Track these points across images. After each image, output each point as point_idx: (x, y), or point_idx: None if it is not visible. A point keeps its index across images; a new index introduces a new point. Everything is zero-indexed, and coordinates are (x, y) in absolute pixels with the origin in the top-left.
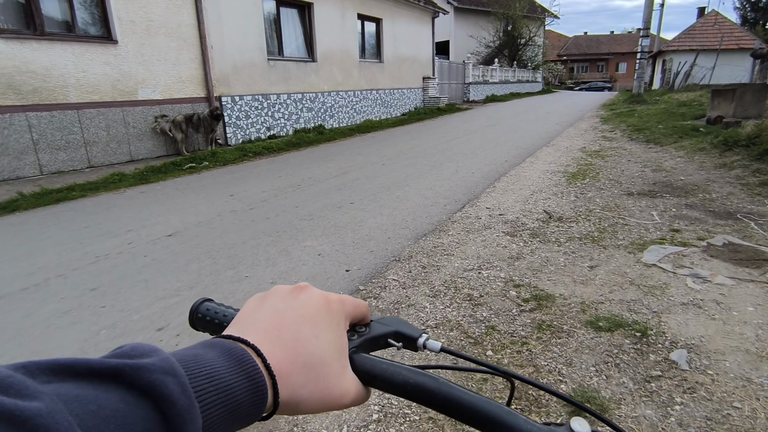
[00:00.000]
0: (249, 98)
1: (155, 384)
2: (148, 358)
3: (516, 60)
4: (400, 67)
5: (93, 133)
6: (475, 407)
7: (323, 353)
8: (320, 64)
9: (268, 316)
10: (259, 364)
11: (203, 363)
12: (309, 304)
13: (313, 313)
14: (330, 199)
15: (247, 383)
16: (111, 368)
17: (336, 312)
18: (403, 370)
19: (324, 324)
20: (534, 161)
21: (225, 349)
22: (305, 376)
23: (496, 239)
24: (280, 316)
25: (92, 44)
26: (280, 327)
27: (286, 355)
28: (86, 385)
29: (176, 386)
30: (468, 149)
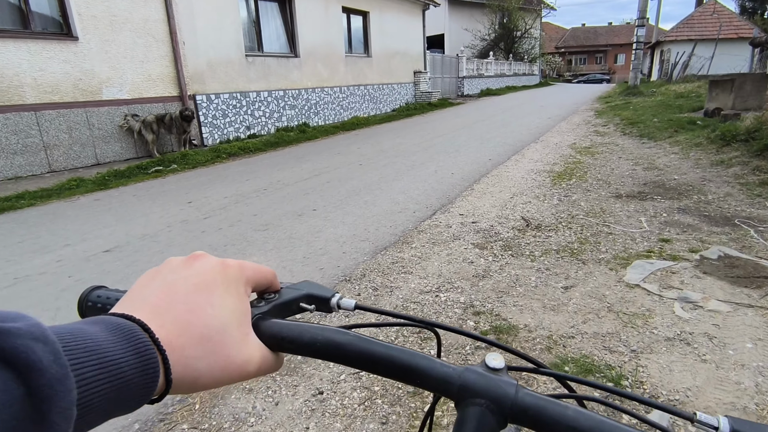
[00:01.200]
0: (226, 96)
1: (19, 350)
2: (12, 322)
3: (512, 53)
4: (390, 61)
5: (53, 136)
6: (389, 357)
7: (221, 322)
8: (303, 59)
9: (158, 290)
10: (149, 341)
11: (83, 336)
12: (203, 272)
13: (208, 280)
14: (293, 205)
15: (135, 359)
16: None
17: (234, 277)
18: (311, 328)
19: (220, 291)
20: (520, 160)
21: (110, 325)
22: (201, 348)
23: (464, 252)
24: (171, 288)
25: (50, 41)
26: (171, 299)
27: (178, 328)
28: None
29: (47, 353)
30: (452, 147)
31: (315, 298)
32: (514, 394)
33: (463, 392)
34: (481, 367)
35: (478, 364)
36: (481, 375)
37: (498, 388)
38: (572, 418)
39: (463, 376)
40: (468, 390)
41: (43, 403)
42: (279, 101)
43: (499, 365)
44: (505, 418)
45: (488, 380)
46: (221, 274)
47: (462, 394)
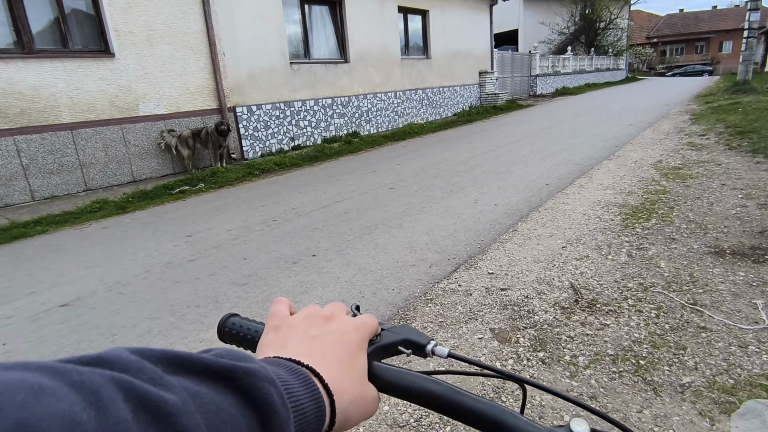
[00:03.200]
0: (268, 107)
1: (263, 392)
2: (247, 362)
3: (594, 46)
4: (452, 62)
5: (89, 154)
6: (478, 410)
7: (361, 371)
8: (354, 64)
9: (306, 342)
10: (318, 386)
11: (282, 379)
12: (341, 331)
13: (346, 338)
14: (293, 246)
15: (313, 403)
16: (224, 368)
17: (362, 336)
18: (409, 375)
19: (356, 347)
20: (585, 185)
21: (291, 369)
22: (352, 393)
23: (474, 348)
24: (319, 341)
25: (86, 59)
26: (323, 351)
27: (336, 376)
28: (202, 383)
29: (278, 397)
30: (504, 165)
31: (412, 343)
32: None
33: None
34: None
35: (562, 427)
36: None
37: None
38: None
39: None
40: None
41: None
42: (326, 110)
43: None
44: None
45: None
46: (355, 333)
47: None
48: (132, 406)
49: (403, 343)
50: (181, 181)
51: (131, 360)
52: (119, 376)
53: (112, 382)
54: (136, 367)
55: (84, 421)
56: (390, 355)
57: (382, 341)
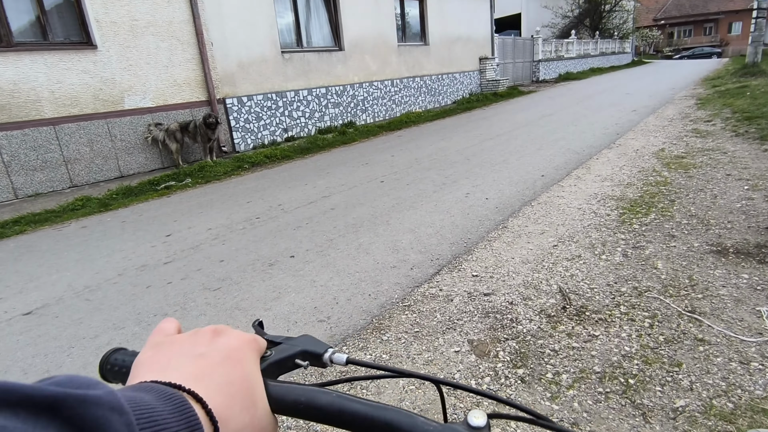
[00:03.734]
0: (260, 98)
1: (99, 422)
2: (90, 389)
3: (599, 30)
4: (451, 48)
5: (74, 150)
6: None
7: (254, 392)
8: (348, 52)
9: (192, 360)
10: (198, 412)
11: (144, 405)
12: (230, 346)
13: (236, 353)
14: (272, 247)
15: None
16: (50, 397)
17: (254, 350)
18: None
19: (248, 363)
20: (582, 177)
21: (162, 394)
22: (242, 419)
23: (449, 361)
24: (206, 359)
25: (67, 52)
26: (210, 371)
27: (224, 400)
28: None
29: (123, 426)
30: (501, 155)
31: (308, 354)
32: None
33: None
34: (462, 425)
35: (460, 422)
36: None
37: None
38: None
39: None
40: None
41: None
42: (321, 99)
43: (480, 423)
44: None
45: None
46: (246, 347)
47: None
48: None
49: (300, 355)
50: (167, 176)
51: None
52: None
53: None
54: None
55: None
56: (287, 370)
57: (276, 356)
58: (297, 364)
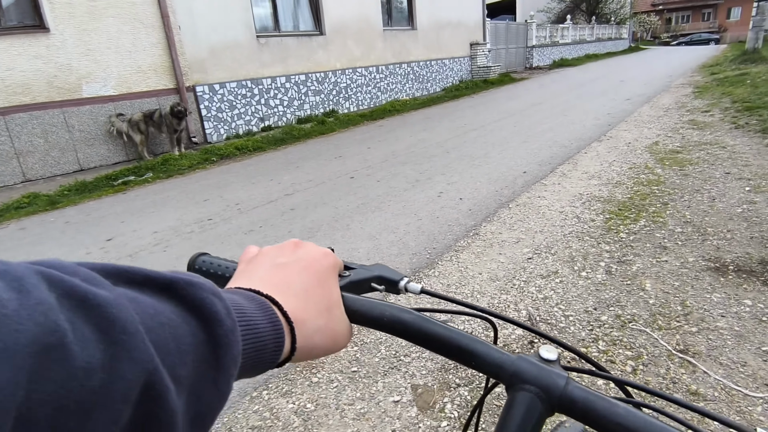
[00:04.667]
0: (233, 85)
1: (205, 302)
2: (196, 278)
3: (595, 15)
4: (440, 33)
5: (26, 141)
6: (448, 338)
7: (329, 300)
8: (330, 37)
9: (273, 271)
10: (276, 312)
11: (234, 300)
12: (309, 257)
13: (314, 264)
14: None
15: (270, 327)
16: (166, 280)
17: (331, 263)
18: (380, 305)
19: (325, 274)
20: (567, 174)
21: (247, 296)
22: (317, 322)
23: (385, 414)
24: (286, 269)
25: (16, 36)
26: (288, 279)
27: (299, 305)
28: (143, 292)
29: (223, 308)
30: (483, 148)
31: (385, 279)
32: (563, 385)
33: (514, 378)
34: (534, 357)
35: (532, 354)
36: (533, 364)
37: (549, 378)
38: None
39: (516, 363)
40: (519, 376)
41: (220, 348)
42: (300, 87)
43: (551, 357)
44: (552, 407)
45: (540, 369)
46: (324, 259)
47: (513, 379)
48: (57, 294)
49: (375, 280)
50: (128, 171)
51: (67, 264)
52: (47, 270)
53: (38, 273)
54: (71, 270)
55: (4, 299)
56: (363, 292)
57: (354, 277)
58: (373, 287)
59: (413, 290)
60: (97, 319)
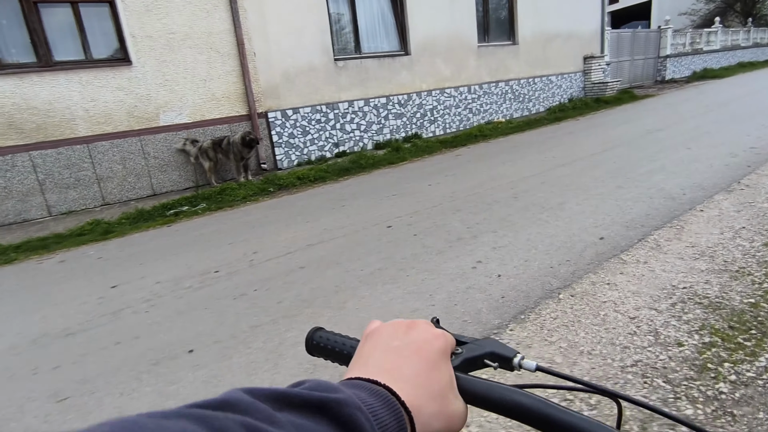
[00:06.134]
0: (307, 110)
1: (353, 418)
2: (336, 393)
3: (752, 16)
4: (546, 47)
5: (106, 168)
6: (571, 424)
7: (443, 383)
8: (415, 56)
9: (387, 355)
10: (398, 404)
11: (367, 402)
12: (421, 340)
13: (426, 347)
14: (191, 325)
15: (395, 422)
16: (319, 401)
17: (444, 345)
18: (500, 388)
19: (438, 357)
20: (665, 245)
21: (372, 391)
22: (433, 408)
23: None
24: (399, 354)
25: (101, 69)
26: (400, 364)
27: (413, 391)
28: (303, 416)
29: (366, 421)
30: (561, 193)
31: (498, 356)
32: None
33: None
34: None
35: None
36: None
37: None
38: None
39: None
40: None
41: None
42: (380, 110)
43: None
44: None
45: None
46: (435, 342)
47: None
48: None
49: (488, 356)
50: (185, 200)
51: (248, 402)
52: (243, 419)
53: (242, 425)
54: (252, 409)
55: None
56: (476, 369)
57: (467, 354)
58: (486, 363)
59: (528, 367)
60: None
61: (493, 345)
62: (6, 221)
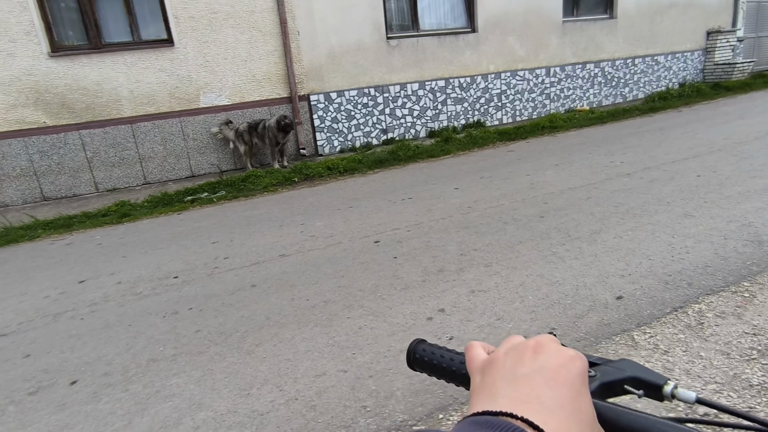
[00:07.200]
0: (353, 93)
1: None
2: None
3: None
4: (654, 20)
5: (148, 148)
6: None
7: (588, 415)
8: (483, 34)
9: (515, 385)
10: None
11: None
12: (553, 364)
13: (562, 372)
14: (102, 344)
15: None
16: None
17: (579, 367)
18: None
19: (576, 382)
20: (710, 325)
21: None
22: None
23: None
24: (531, 383)
25: (145, 51)
26: (537, 394)
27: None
28: None
29: None
30: (602, 217)
31: (642, 382)
32: None
33: None
34: None
35: None
36: None
37: None
38: None
39: None
40: None
41: None
42: (437, 94)
43: None
44: None
45: None
46: (572, 365)
47: None
48: None
49: (630, 382)
50: (208, 185)
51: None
52: None
53: None
54: None
55: None
56: (613, 396)
57: (603, 378)
58: (628, 390)
59: (686, 399)
60: None
61: (635, 368)
62: (60, 195)
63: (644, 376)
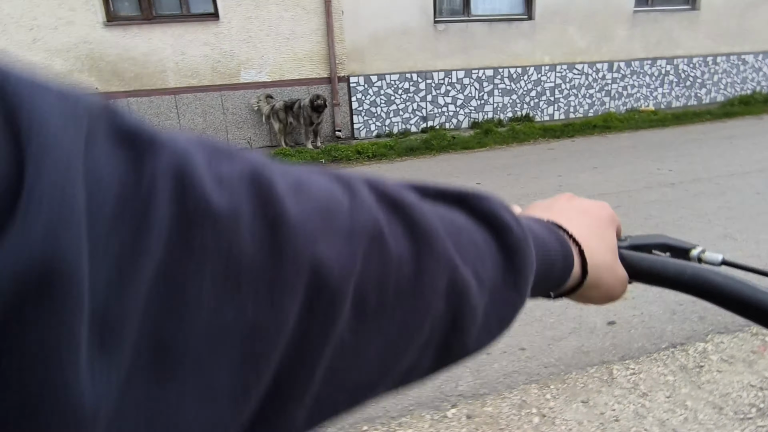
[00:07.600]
0: (395, 78)
1: (496, 213)
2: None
3: None
4: (747, 13)
5: (189, 119)
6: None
7: (611, 247)
8: (540, 22)
9: (549, 213)
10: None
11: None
12: (585, 205)
13: (592, 210)
14: None
15: (559, 246)
16: (458, 193)
17: (609, 213)
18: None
19: (605, 221)
20: (710, 367)
21: (533, 218)
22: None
23: None
24: (565, 213)
25: (192, 23)
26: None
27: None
28: (438, 204)
29: (512, 219)
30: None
31: (671, 247)
32: None
33: None
34: None
35: None
36: None
37: None
38: None
39: None
40: None
41: (515, 254)
42: (483, 84)
43: None
44: None
45: None
46: (602, 210)
47: None
48: (375, 196)
49: (659, 247)
50: None
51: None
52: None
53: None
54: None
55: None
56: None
57: (634, 241)
58: (654, 254)
59: (711, 261)
60: (405, 218)
61: (664, 238)
62: None
63: (672, 243)
